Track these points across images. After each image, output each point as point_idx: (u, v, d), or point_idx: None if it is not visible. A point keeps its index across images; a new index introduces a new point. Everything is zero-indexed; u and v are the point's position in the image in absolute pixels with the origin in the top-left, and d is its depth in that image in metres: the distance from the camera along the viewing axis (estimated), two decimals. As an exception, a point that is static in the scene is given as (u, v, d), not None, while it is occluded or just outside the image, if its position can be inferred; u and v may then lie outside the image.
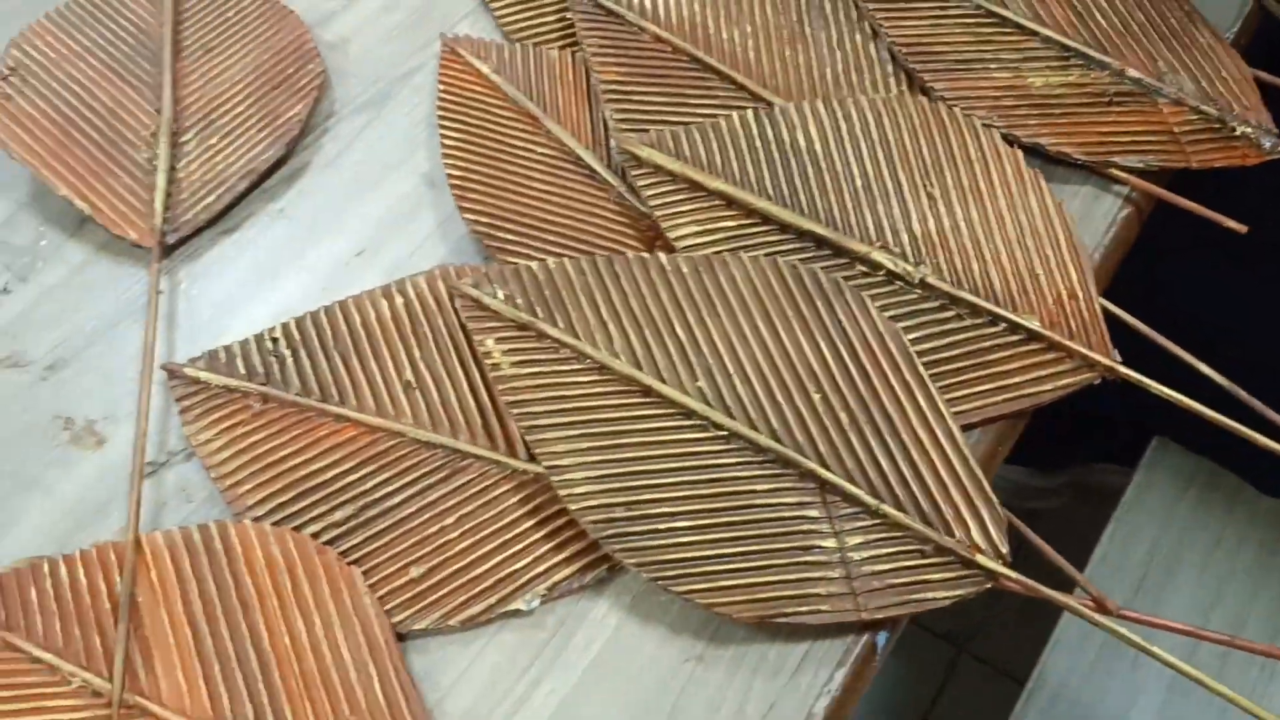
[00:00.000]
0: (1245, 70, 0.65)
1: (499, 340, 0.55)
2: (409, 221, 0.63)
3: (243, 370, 0.57)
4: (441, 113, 0.65)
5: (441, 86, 0.67)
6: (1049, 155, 0.62)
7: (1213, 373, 0.56)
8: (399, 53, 0.71)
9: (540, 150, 0.64)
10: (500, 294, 0.56)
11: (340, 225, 0.64)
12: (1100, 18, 0.66)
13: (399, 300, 0.58)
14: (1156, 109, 0.64)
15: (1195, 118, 0.63)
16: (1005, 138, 0.62)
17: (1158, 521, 0.81)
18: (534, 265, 0.56)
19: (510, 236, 0.60)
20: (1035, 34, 0.66)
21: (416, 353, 0.57)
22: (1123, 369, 0.55)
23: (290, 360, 0.57)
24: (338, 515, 0.53)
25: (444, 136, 0.64)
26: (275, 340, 0.57)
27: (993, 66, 0.65)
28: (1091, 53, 0.65)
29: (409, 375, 0.56)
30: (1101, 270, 0.60)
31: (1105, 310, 0.57)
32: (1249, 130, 0.63)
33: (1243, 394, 0.55)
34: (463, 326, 0.56)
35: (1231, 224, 0.60)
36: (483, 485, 0.53)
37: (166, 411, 0.57)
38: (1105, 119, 0.63)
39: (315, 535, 0.52)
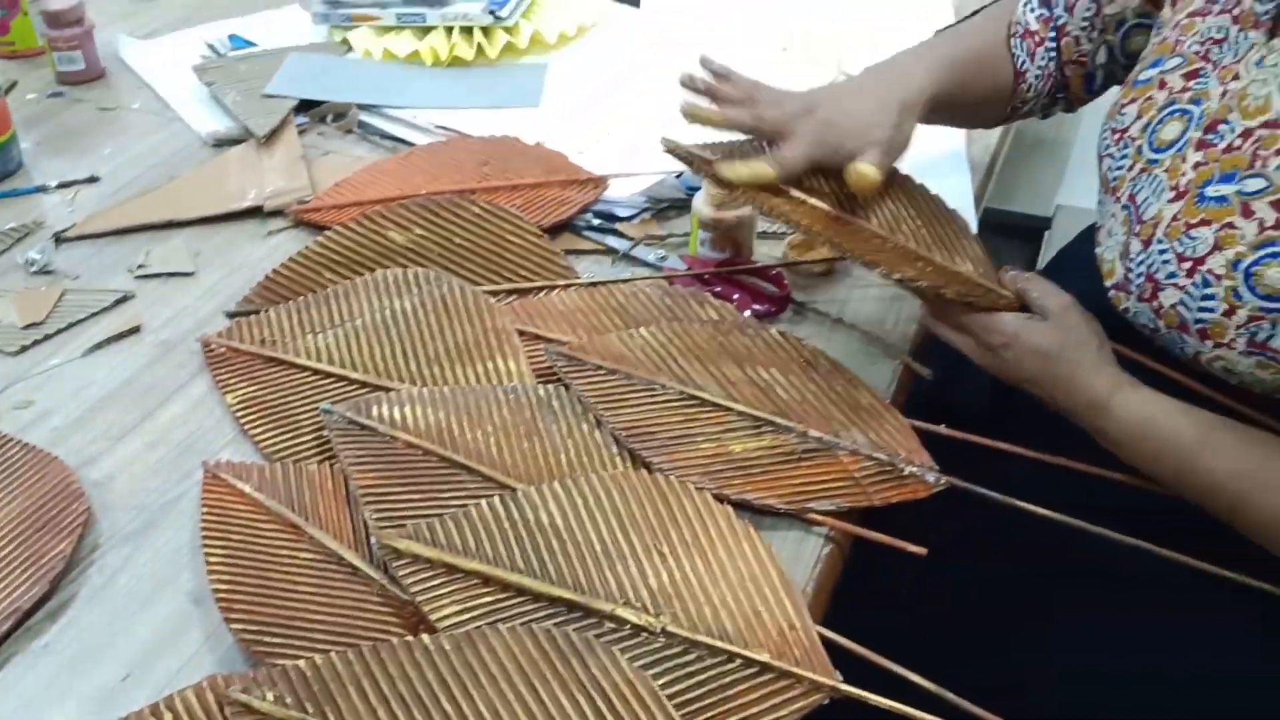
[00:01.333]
0: (904, 421, 0.79)
1: (273, 740, 0.57)
2: (176, 640, 0.66)
3: (4, 812, 0.56)
4: (206, 533, 0.70)
5: (205, 509, 0.72)
6: (756, 508, 0.72)
7: (924, 681, 0.64)
8: (163, 484, 0.76)
9: (305, 556, 0.68)
10: (270, 695, 0.58)
11: (107, 653, 0.65)
12: (781, 392, 0.79)
13: (168, 717, 0.59)
14: (839, 461, 0.76)
15: (871, 464, 0.75)
16: (717, 497, 0.71)
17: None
18: (301, 663, 0.59)
19: (277, 640, 0.63)
20: (731, 410, 0.78)
21: (189, 766, 0.57)
22: (844, 687, 0.62)
23: (56, 794, 0.56)
24: None
25: (208, 555, 0.68)
26: (40, 776, 0.57)
27: (699, 439, 0.76)
28: (778, 420, 0.77)
29: (182, 790, 0.57)
30: (815, 602, 0.68)
31: (823, 636, 0.65)
32: (915, 470, 0.75)
33: (949, 694, 0.63)
34: (236, 733, 0.58)
35: (913, 548, 0.71)
36: None
37: None
38: (798, 473, 0.74)
39: None
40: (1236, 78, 0.74)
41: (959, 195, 1.02)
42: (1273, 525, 0.70)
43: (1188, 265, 0.72)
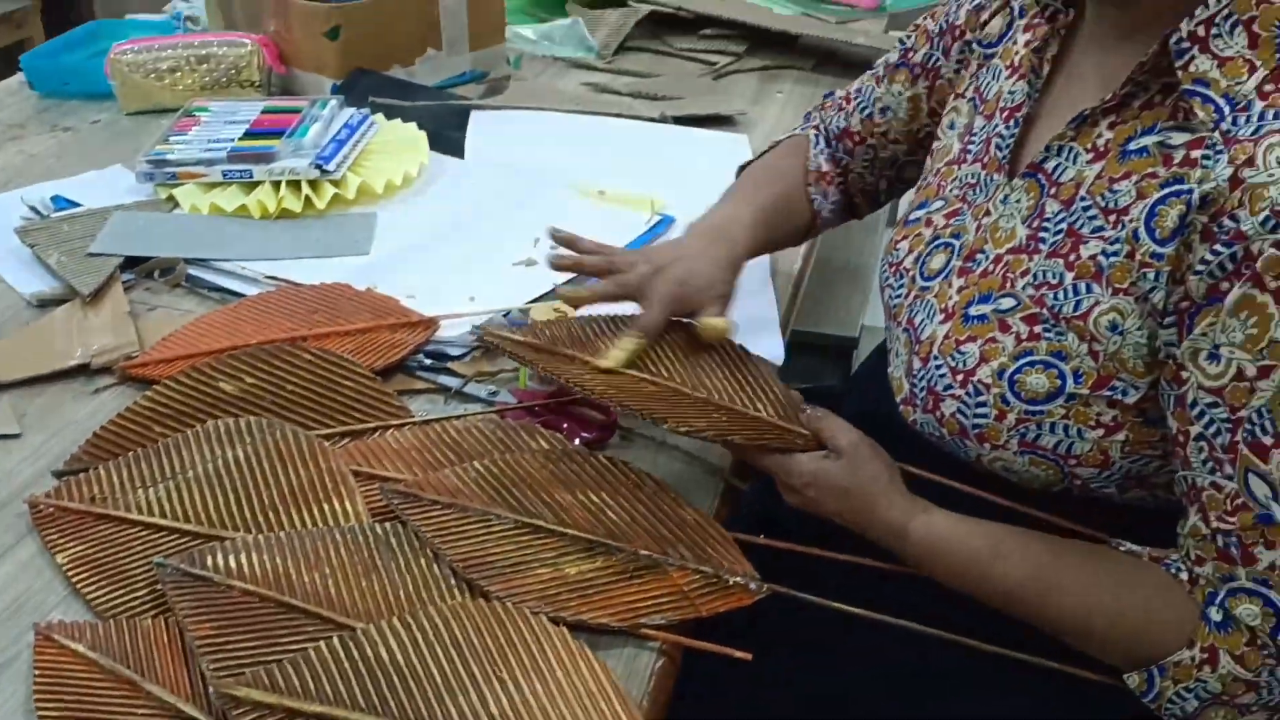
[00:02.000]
0: (726, 535, 0.84)
1: None
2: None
3: None
4: (39, 698, 0.69)
5: (38, 671, 0.71)
6: (592, 628, 0.75)
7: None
8: (-10, 650, 0.74)
9: (142, 712, 0.68)
10: None
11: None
12: (612, 514, 0.84)
13: None
14: (669, 576, 0.80)
15: (698, 577, 0.80)
16: (553, 619, 0.74)
17: None
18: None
19: (117, 799, 0.62)
20: (564, 534, 0.82)
21: None
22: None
23: None
24: None
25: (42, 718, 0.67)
26: None
27: (535, 565, 0.79)
28: (610, 542, 0.81)
29: None
30: (650, 714, 0.71)
31: (660, 745, 0.68)
32: (739, 580, 0.80)
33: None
34: None
35: (739, 654, 0.75)
36: None
37: None
38: (630, 591, 0.78)
39: None
40: (988, 214, 0.84)
41: (766, 319, 1.10)
42: (1065, 622, 0.78)
43: (960, 377, 0.80)
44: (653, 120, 1.52)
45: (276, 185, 1.26)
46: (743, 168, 1.14)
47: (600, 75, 1.71)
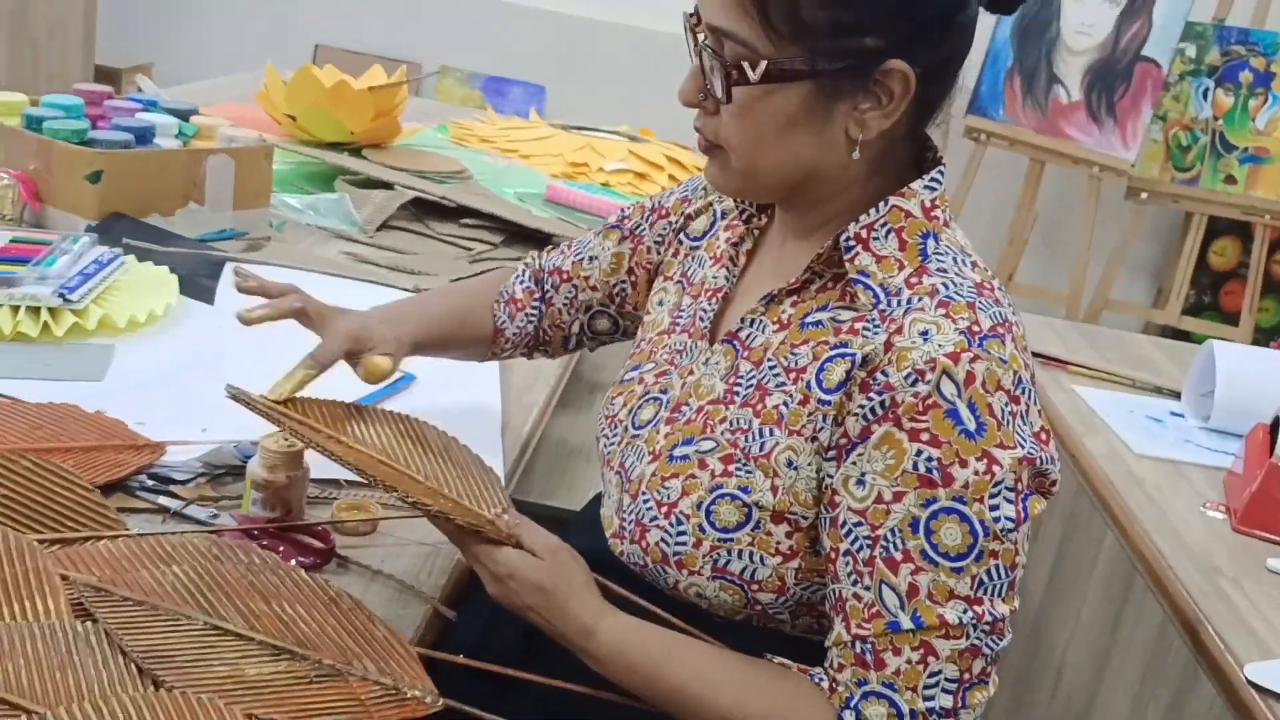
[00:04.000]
0: (412, 651, 0.89)
1: None
2: None
3: None
4: None
5: None
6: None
7: None
8: None
9: None
10: None
11: None
12: (303, 625, 0.87)
13: None
14: (349, 685, 0.84)
15: (377, 688, 0.84)
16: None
17: None
18: None
19: None
20: (252, 639, 0.84)
21: None
22: None
23: None
24: None
25: None
26: None
27: (215, 663, 0.82)
28: (296, 649, 0.85)
29: None
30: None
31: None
32: (417, 693, 0.84)
33: None
34: None
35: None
36: None
37: None
38: (308, 695, 0.82)
39: None
40: (692, 373, 0.97)
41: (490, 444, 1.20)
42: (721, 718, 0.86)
43: (665, 509, 0.91)
44: (406, 290, 1.61)
45: (15, 309, 1.27)
46: (452, 282, 1.29)
47: (361, 247, 1.80)
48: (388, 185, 2.02)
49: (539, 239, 1.95)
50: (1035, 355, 1.59)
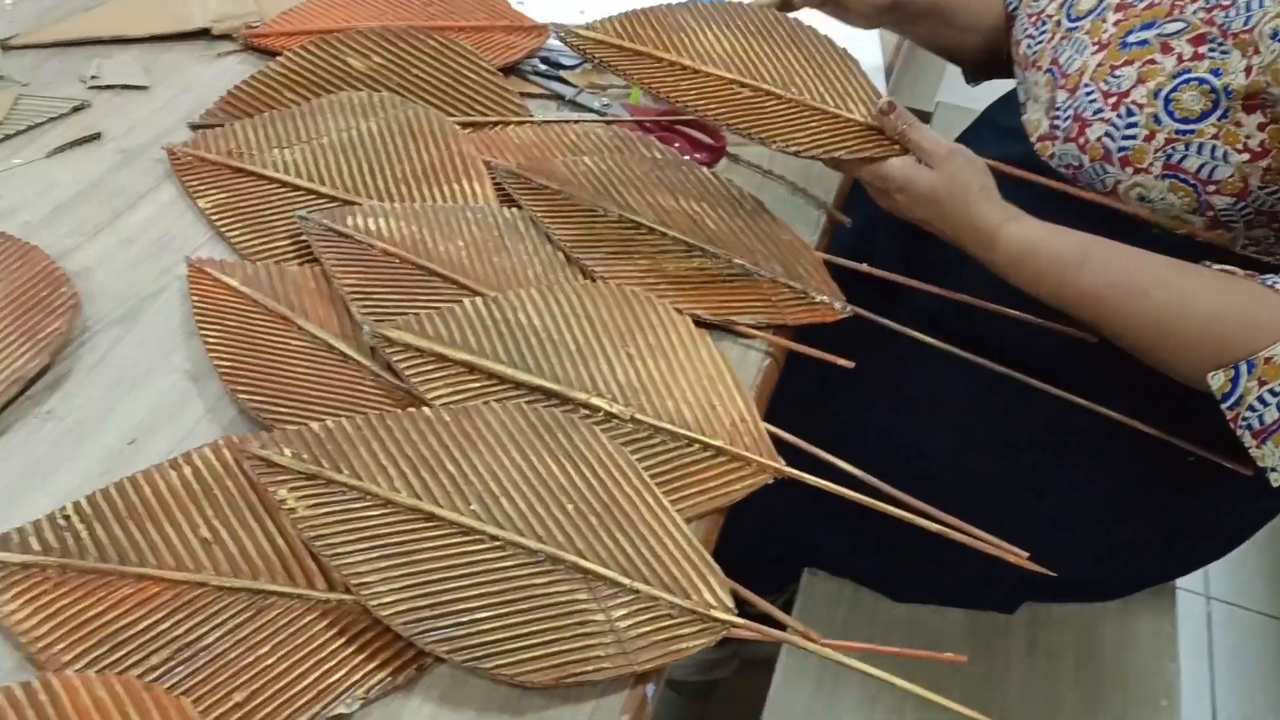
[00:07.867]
0: (817, 258, 0.87)
1: (291, 490, 0.63)
2: (178, 411, 0.70)
3: (37, 546, 0.60)
4: (200, 318, 0.74)
5: (195, 298, 0.76)
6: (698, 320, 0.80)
7: (858, 471, 0.74)
8: (143, 277, 0.79)
9: (297, 344, 0.73)
10: (287, 451, 0.64)
11: (109, 420, 0.69)
12: (710, 223, 0.87)
13: (186, 469, 0.64)
14: (758, 285, 0.84)
15: (786, 290, 0.84)
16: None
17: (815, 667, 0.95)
18: (314, 425, 0.65)
19: (284, 410, 0.68)
20: (665, 234, 0.85)
21: (209, 512, 0.63)
22: (787, 469, 0.72)
23: (85, 533, 0.61)
24: (154, 660, 0.57)
25: (205, 337, 0.73)
26: (67, 517, 0.62)
27: (636, 256, 0.83)
28: (707, 247, 0.85)
29: (205, 532, 0.62)
30: (759, 399, 0.77)
31: (768, 429, 0.74)
32: (825, 299, 0.84)
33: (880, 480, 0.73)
34: (254, 484, 0.64)
35: (842, 362, 0.80)
36: (289, 617, 0.60)
37: (-42, 594, 0.59)
38: (722, 292, 0.82)
39: (138, 678, 0.56)
40: None
41: (870, 71, 1.11)
42: (1150, 322, 0.77)
43: (1113, 100, 0.81)
44: None
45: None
46: None
47: None
48: None
49: None
50: None
